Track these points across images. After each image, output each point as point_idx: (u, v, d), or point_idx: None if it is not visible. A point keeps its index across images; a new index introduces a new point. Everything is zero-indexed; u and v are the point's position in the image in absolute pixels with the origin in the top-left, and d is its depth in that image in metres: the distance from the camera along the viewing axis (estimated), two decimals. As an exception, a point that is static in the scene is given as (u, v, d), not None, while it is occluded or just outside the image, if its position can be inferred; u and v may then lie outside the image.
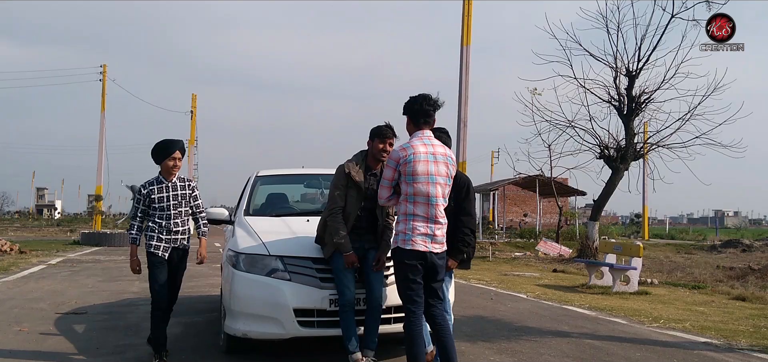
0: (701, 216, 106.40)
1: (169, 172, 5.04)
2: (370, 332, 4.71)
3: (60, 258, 16.11)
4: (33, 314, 7.29)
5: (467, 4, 17.83)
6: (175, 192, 5.06)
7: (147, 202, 5.02)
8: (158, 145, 5.06)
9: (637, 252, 10.70)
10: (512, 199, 43.85)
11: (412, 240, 4.02)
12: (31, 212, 73.60)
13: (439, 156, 4.14)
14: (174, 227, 5.04)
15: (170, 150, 5.01)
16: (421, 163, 4.04)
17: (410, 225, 4.04)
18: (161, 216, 5.00)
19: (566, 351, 5.67)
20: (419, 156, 4.06)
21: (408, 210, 4.06)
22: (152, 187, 5.03)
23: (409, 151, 4.06)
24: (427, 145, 4.12)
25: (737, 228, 64.43)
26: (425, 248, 4.05)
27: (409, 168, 4.03)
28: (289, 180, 7.12)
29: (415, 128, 4.21)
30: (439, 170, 4.10)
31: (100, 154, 31.30)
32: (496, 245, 23.45)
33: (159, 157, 5.03)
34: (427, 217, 4.05)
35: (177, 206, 5.05)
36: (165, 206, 5.01)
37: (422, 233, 4.04)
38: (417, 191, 4.03)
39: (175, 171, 5.07)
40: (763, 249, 23.24)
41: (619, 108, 15.19)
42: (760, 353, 5.79)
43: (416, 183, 4.02)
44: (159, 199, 5.01)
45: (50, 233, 34.50)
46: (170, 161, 5.02)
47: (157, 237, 5.00)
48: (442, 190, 4.12)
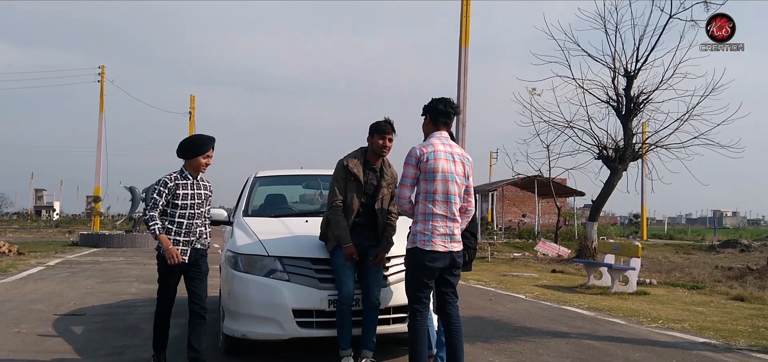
0: (700, 217, 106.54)
1: (198, 169, 4.74)
2: (368, 332, 4.71)
3: (58, 259, 16.09)
4: (31, 315, 7.27)
5: (466, 5, 17.85)
6: (200, 191, 4.76)
7: (170, 197, 4.64)
8: (192, 140, 4.77)
9: (636, 252, 10.70)
10: (511, 200, 43.87)
11: (432, 240, 4.05)
12: (29, 213, 73.40)
13: (457, 156, 4.20)
14: (194, 228, 4.71)
15: (206, 147, 4.72)
16: (441, 161, 4.09)
17: (430, 225, 4.06)
18: (183, 215, 4.66)
19: (565, 352, 5.67)
20: (439, 153, 4.10)
21: (427, 209, 4.07)
22: (179, 182, 4.67)
23: (429, 149, 4.11)
24: (445, 145, 4.18)
25: (736, 228, 64.53)
26: (445, 248, 4.08)
27: (429, 165, 4.07)
28: (287, 180, 7.11)
29: (434, 128, 4.26)
30: (457, 169, 4.15)
31: (98, 155, 31.27)
32: (495, 246, 23.46)
33: (190, 152, 4.71)
34: (446, 216, 4.09)
35: (200, 205, 4.76)
36: (189, 204, 4.67)
37: (442, 233, 4.07)
38: (436, 189, 4.06)
39: (205, 170, 4.79)
40: (761, 249, 23.26)
41: (617, 108, 15.21)
42: (758, 353, 5.79)
43: (436, 181, 4.06)
44: (184, 196, 4.66)
45: (49, 234, 34.44)
46: (204, 159, 4.71)
47: (174, 237, 4.63)
48: (458, 189, 4.15)
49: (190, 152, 4.71)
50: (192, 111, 39.86)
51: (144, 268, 13.79)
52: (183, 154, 4.74)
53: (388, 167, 4.96)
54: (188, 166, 4.74)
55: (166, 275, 4.68)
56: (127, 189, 25.78)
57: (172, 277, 4.69)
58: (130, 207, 25.74)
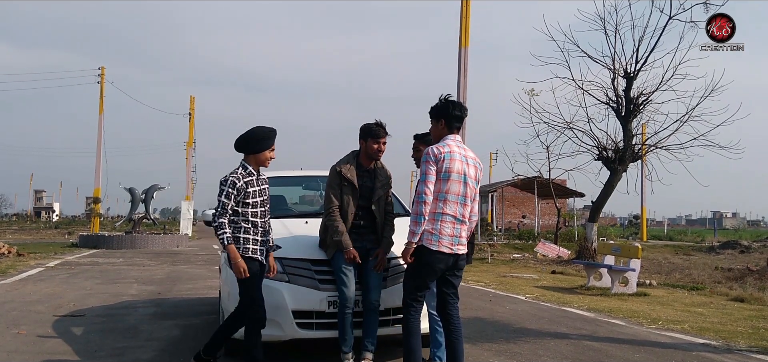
0: (699, 218, 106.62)
1: (263, 164, 4.48)
2: (369, 334, 4.71)
3: (58, 260, 16.08)
4: (31, 316, 7.26)
5: (465, 6, 17.85)
6: (264, 187, 4.52)
7: (240, 197, 4.34)
8: (258, 133, 4.44)
9: (636, 253, 10.70)
10: (510, 201, 43.87)
11: (439, 241, 4.07)
12: (28, 214, 73.36)
13: (470, 159, 4.25)
14: (268, 226, 4.52)
15: (272, 139, 4.46)
16: (456, 162, 4.13)
17: (438, 225, 4.09)
18: (255, 214, 4.41)
19: (565, 353, 5.67)
20: (455, 155, 4.15)
21: (437, 208, 4.10)
22: (247, 180, 4.38)
23: (445, 149, 4.14)
24: (460, 147, 4.24)
25: (735, 229, 64.55)
26: (451, 250, 4.11)
27: (445, 165, 4.10)
28: (287, 181, 7.10)
29: (448, 132, 4.28)
30: (470, 172, 4.20)
31: (98, 157, 31.27)
32: (495, 247, 23.44)
33: (256, 146, 4.41)
34: (456, 217, 4.12)
35: (267, 202, 4.54)
36: (259, 202, 4.43)
37: (449, 234, 4.10)
38: (449, 189, 4.09)
39: (268, 164, 4.53)
40: (761, 251, 23.24)
41: (617, 109, 15.22)
42: (758, 354, 5.79)
43: (450, 181, 4.09)
44: (253, 194, 4.38)
45: (48, 235, 34.41)
46: (270, 153, 4.47)
47: (252, 239, 4.38)
48: (471, 192, 4.20)
49: (254, 146, 4.42)
50: (192, 112, 39.85)
51: (143, 269, 13.79)
52: (246, 148, 4.45)
53: (381, 168, 4.97)
54: (251, 161, 4.45)
55: (253, 278, 4.37)
56: (126, 190, 25.78)
57: (258, 279, 4.43)
58: (130, 208, 25.74)
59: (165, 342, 5.98)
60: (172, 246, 23.85)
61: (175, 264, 15.58)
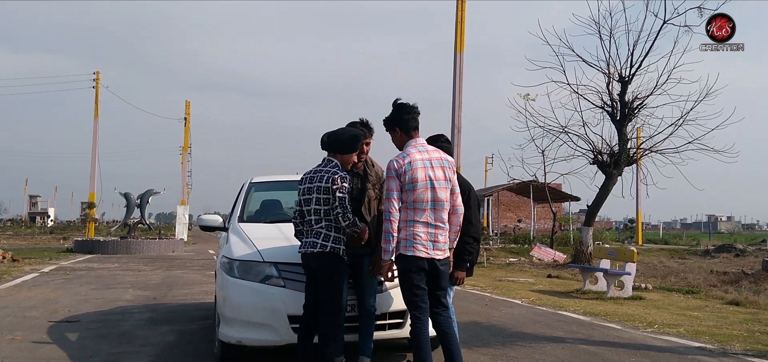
0: (695, 221, 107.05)
1: (348, 165, 4.50)
2: (365, 339, 4.69)
3: (53, 266, 16.01)
4: (26, 322, 7.23)
5: (460, 11, 17.90)
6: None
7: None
8: (349, 134, 4.45)
9: (631, 257, 10.72)
10: (506, 205, 43.96)
11: (414, 246, 4.08)
12: (23, 220, 73.10)
13: (435, 160, 4.21)
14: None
15: (360, 142, 4.47)
16: (419, 170, 4.11)
17: (411, 231, 4.09)
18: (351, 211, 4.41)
19: (561, 357, 5.68)
20: (416, 163, 4.12)
21: (409, 216, 4.11)
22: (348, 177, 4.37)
23: (405, 160, 4.12)
24: (421, 152, 4.20)
25: (730, 232, 64.90)
26: (427, 254, 4.10)
27: (408, 176, 4.08)
28: (283, 186, 7.09)
29: (408, 137, 4.26)
30: (436, 174, 4.16)
31: (93, 161, 31.19)
32: (491, 251, 23.46)
33: (346, 147, 4.41)
34: (428, 223, 4.11)
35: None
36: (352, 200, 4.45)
37: (423, 239, 4.09)
38: (417, 198, 4.09)
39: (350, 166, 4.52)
40: (756, 254, 23.35)
41: (612, 113, 15.25)
42: (754, 357, 5.81)
43: (416, 191, 4.08)
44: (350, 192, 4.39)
45: (43, 241, 34.29)
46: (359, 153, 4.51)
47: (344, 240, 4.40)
48: (445, 194, 4.17)
49: (345, 147, 4.42)
50: (187, 117, 39.86)
51: (139, 275, 13.74)
52: (336, 148, 4.44)
53: (372, 167, 4.85)
54: (342, 162, 4.44)
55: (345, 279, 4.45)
56: (122, 195, 25.74)
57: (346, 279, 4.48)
58: (125, 213, 25.69)
59: (160, 347, 5.96)
60: (168, 251, 23.78)
61: (171, 269, 15.54)
